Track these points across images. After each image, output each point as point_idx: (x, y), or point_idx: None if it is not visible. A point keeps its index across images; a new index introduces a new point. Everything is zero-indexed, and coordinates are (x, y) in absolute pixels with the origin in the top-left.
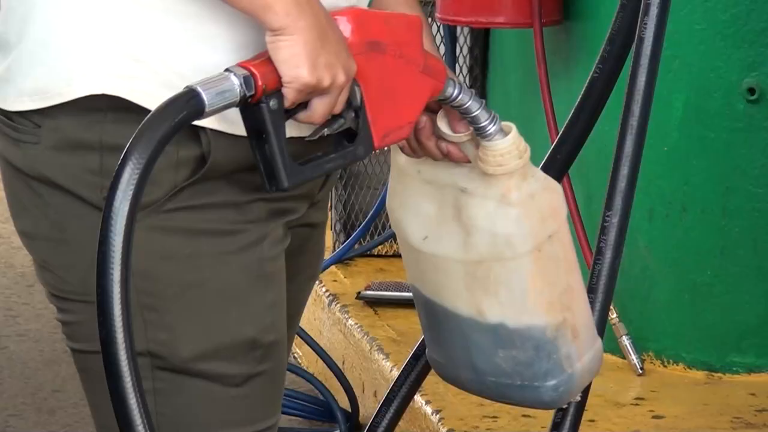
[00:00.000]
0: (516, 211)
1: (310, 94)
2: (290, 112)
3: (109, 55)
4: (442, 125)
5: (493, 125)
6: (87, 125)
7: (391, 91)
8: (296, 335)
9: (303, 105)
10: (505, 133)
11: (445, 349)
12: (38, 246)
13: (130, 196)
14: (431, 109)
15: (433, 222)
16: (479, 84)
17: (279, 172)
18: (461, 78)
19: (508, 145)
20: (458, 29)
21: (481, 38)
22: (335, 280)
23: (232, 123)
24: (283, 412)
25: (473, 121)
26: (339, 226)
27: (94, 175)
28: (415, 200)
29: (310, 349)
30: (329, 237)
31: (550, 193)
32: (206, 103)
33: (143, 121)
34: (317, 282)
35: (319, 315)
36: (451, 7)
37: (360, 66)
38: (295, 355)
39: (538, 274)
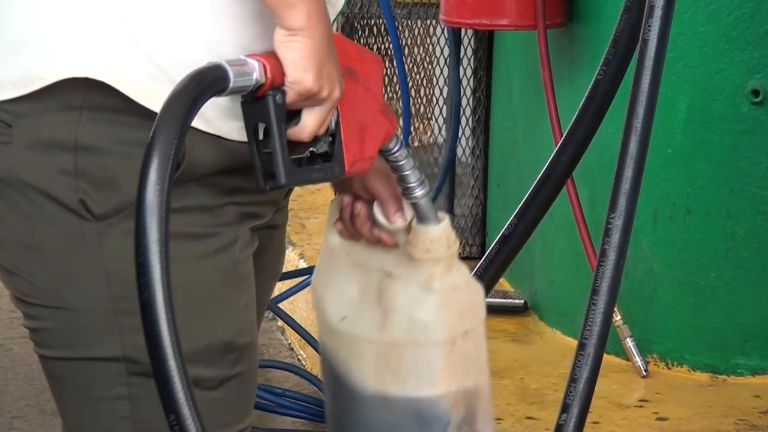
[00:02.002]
0: (437, 298)
1: (306, 100)
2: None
3: (94, 42)
4: (378, 214)
5: (421, 189)
6: (61, 124)
7: (360, 121)
8: (300, 337)
9: (294, 121)
10: (438, 220)
11: None
12: (7, 251)
13: (170, 155)
14: (359, 196)
15: (354, 304)
16: (483, 86)
17: (278, 168)
18: (465, 80)
19: (438, 233)
20: (462, 31)
21: (486, 40)
22: None
23: (207, 121)
24: (287, 414)
25: (402, 180)
26: None
27: (68, 176)
28: (340, 281)
29: (314, 351)
30: None
31: (472, 290)
32: (231, 80)
33: (173, 89)
34: None
35: None
36: (455, 10)
37: None
38: (299, 357)
39: (449, 368)
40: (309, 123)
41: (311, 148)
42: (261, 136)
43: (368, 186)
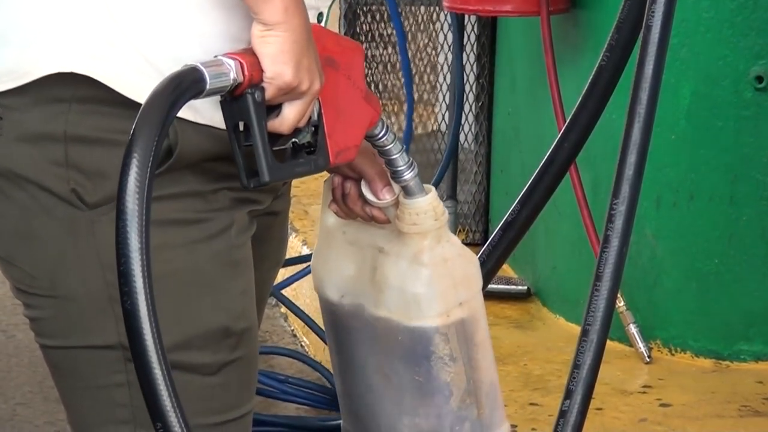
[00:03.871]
0: (427, 271)
1: (286, 95)
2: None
3: (80, 36)
4: (366, 191)
5: (410, 172)
6: (51, 116)
7: (342, 111)
8: (303, 323)
9: (274, 113)
10: (425, 192)
11: (355, 416)
12: (3, 241)
13: (149, 160)
14: (348, 176)
15: (351, 282)
16: (486, 72)
17: (261, 166)
18: (468, 66)
19: (425, 205)
20: (466, 18)
21: (489, 26)
22: None
23: (197, 111)
24: (291, 401)
25: (390, 164)
26: None
27: (59, 167)
28: (337, 261)
29: (317, 338)
30: None
31: (464, 261)
32: (208, 82)
33: (150, 94)
34: None
35: None
36: None
37: None
38: (302, 343)
39: (444, 341)
40: (289, 116)
41: (293, 139)
42: (242, 129)
43: (353, 165)
